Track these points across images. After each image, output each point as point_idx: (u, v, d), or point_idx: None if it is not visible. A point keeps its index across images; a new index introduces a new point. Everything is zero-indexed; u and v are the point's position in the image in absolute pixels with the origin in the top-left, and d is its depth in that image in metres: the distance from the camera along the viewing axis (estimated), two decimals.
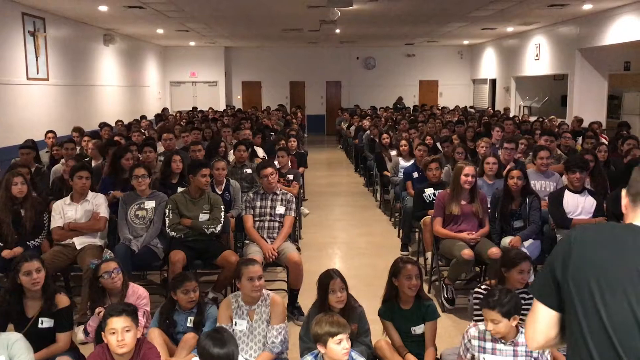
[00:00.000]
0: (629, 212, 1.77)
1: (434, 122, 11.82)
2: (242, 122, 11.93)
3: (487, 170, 5.97)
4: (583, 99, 13.23)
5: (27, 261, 3.59)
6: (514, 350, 3.12)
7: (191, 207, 5.16)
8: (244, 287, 3.62)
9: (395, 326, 3.67)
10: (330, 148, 18.32)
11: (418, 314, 3.65)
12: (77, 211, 5.13)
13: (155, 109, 18.21)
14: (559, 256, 1.76)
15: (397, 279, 3.63)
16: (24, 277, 3.55)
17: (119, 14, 11.85)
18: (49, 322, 3.63)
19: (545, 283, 1.79)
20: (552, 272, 1.77)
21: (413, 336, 3.64)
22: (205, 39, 17.53)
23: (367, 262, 6.61)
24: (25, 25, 10.44)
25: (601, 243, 1.70)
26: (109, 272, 3.78)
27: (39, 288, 3.61)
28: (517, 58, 16.92)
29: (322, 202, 9.78)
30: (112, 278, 3.79)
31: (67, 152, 7.07)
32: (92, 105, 13.72)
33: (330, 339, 2.94)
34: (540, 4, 11.05)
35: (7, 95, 9.87)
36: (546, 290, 1.79)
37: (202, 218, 5.14)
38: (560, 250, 1.77)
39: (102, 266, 3.83)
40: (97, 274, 3.82)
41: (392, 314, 3.68)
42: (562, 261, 1.74)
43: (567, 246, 1.74)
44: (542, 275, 1.83)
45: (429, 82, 21.90)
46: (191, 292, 3.74)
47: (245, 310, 3.66)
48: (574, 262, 1.70)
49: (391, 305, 3.69)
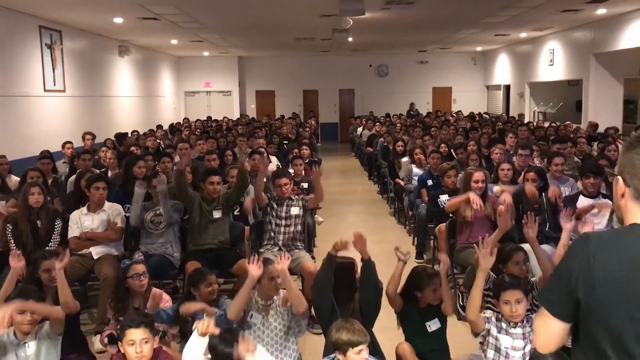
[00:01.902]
0: (630, 206, 1.64)
1: (448, 129, 11.80)
2: (256, 130, 12.00)
3: (502, 177, 5.95)
4: (598, 104, 13.13)
5: (47, 259, 3.80)
6: (523, 334, 3.28)
7: (206, 207, 5.28)
8: (265, 286, 3.69)
9: (409, 325, 3.70)
10: (343, 156, 18.33)
11: (431, 310, 3.68)
12: (93, 221, 5.19)
13: (170, 119, 18.36)
14: (575, 272, 1.62)
15: (421, 292, 3.64)
16: (43, 274, 3.74)
17: (133, 26, 12.00)
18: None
19: (559, 298, 1.69)
20: (568, 288, 1.65)
21: (429, 333, 3.65)
22: (219, 48, 17.67)
23: (381, 269, 6.53)
24: (43, 38, 10.62)
25: (626, 260, 1.55)
26: (139, 273, 3.86)
27: (56, 285, 3.72)
28: (531, 64, 16.84)
29: (336, 210, 9.78)
30: (140, 280, 3.87)
31: (84, 163, 7.15)
32: (108, 115, 13.88)
33: (351, 349, 2.95)
34: (553, 9, 11.01)
35: (25, 107, 10.03)
36: (560, 305, 1.69)
37: (216, 215, 5.25)
38: (576, 266, 1.63)
39: (132, 267, 3.90)
40: (127, 274, 3.88)
41: (408, 312, 3.71)
42: (583, 281, 1.60)
43: (584, 262, 1.60)
44: (555, 288, 1.72)
45: (442, 89, 21.85)
46: (214, 283, 3.86)
47: (261, 305, 3.72)
48: (600, 284, 1.57)
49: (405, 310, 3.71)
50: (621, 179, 1.66)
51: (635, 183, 1.60)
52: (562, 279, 1.68)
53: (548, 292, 1.76)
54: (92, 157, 7.67)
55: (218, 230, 5.25)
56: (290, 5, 10.18)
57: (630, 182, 1.62)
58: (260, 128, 13.11)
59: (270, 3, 9.94)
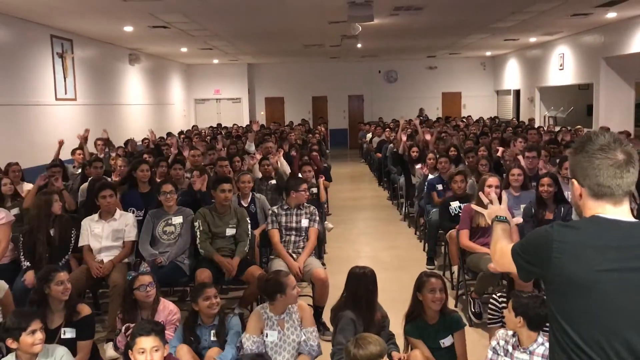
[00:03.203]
0: (588, 204, 1.84)
1: (458, 134, 11.76)
2: (266, 137, 11.99)
3: (513, 182, 5.92)
4: (609, 108, 13.04)
5: (59, 271, 3.80)
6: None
7: (218, 222, 5.21)
8: (290, 296, 3.69)
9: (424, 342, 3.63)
10: (353, 162, 18.32)
11: (445, 325, 3.64)
12: (104, 229, 5.17)
13: (180, 126, 18.43)
14: (537, 255, 1.85)
15: (422, 293, 3.61)
16: (56, 286, 3.73)
17: (143, 34, 12.08)
18: (72, 332, 3.74)
19: (523, 265, 1.93)
20: (530, 265, 1.89)
21: (443, 350, 3.62)
22: (229, 56, 17.75)
23: (392, 276, 6.57)
24: (54, 47, 10.72)
25: (585, 244, 1.76)
26: (145, 285, 3.86)
27: (67, 298, 3.77)
28: (541, 68, 16.78)
29: (346, 216, 9.77)
30: (147, 291, 3.87)
31: (95, 171, 7.17)
32: (118, 123, 13.95)
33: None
34: (563, 13, 10.96)
35: (37, 116, 10.11)
36: (523, 266, 1.92)
37: (229, 233, 5.19)
38: (537, 249, 1.85)
39: (139, 278, 3.90)
40: (133, 285, 3.89)
41: (420, 331, 3.65)
42: (540, 262, 1.83)
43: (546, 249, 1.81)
44: (521, 255, 1.92)
45: (452, 94, 21.81)
46: (212, 297, 3.77)
47: (275, 320, 3.69)
48: (556, 267, 1.78)
49: (417, 323, 3.67)
50: (575, 181, 1.86)
51: (588, 183, 1.81)
52: (524, 251, 1.92)
53: (519, 252, 1.95)
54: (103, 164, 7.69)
55: (229, 240, 5.23)
56: (298, 12, 10.21)
57: (584, 182, 1.83)
58: (270, 135, 13.12)
59: (278, 10, 9.98)
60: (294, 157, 9.81)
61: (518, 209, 5.57)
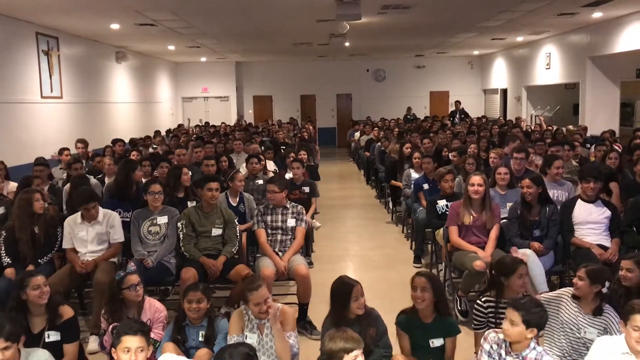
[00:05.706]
0: None
1: (445, 133, 11.80)
2: (254, 136, 11.98)
3: (499, 181, 5.94)
4: (595, 107, 13.14)
5: (33, 276, 3.70)
6: None
7: (204, 221, 5.19)
8: (252, 310, 3.61)
9: (413, 338, 3.64)
10: (341, 160, 18.34)
11: (439, 328, 3.62)
12: (88, 232, 5.07)
13: (167, 125, 18.34)
14: None
15: (412, 292, 3.62)
16: (32, 291, 3.64)
17: (130, 32, 12.00)
18: (56, 336, 3.68)
19: None
20: None
21: (431, 348, 3.61)
22: (216, 54, 17.68)
23: (380, 274, 6.58)
24: (40, 44, 10.61)
25: None
26: (135, 284, 3.84)
27: (46, 302, 3.68)
28: (528, 67, 16.87)
29: (334, 215, 9.77)
30: (136, 291, 3.85)
31: (76, 173, 7.06)
32: (105, 122, 13.86)
33: (346, 355, 2.92)
34: (549, 13, 11.03)
35: (22, 114, 10.01)
36: None
37: (215, 233, 5.16)
38: None
39: (127, 278, 3.88)
40: (122, 285, 3.86)
41: (411, 326, 3.64)
42: None
43: None
44: None
45: (439, 93, 21.87)
46: (194, 302, 3.70)
47: (255, 324, 3.66)
48: None
49: (410, 317, 3.66)
50: None
51: None
52: None
53: None
54: (84, 165, 7.62)
55: (216, 240, 5.21)
56: (287, 10, 10.19)
57: None
58: (258, 134, 13.11)
59: (267, 8, 9.95)
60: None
61: (504, 207, 5.60)
